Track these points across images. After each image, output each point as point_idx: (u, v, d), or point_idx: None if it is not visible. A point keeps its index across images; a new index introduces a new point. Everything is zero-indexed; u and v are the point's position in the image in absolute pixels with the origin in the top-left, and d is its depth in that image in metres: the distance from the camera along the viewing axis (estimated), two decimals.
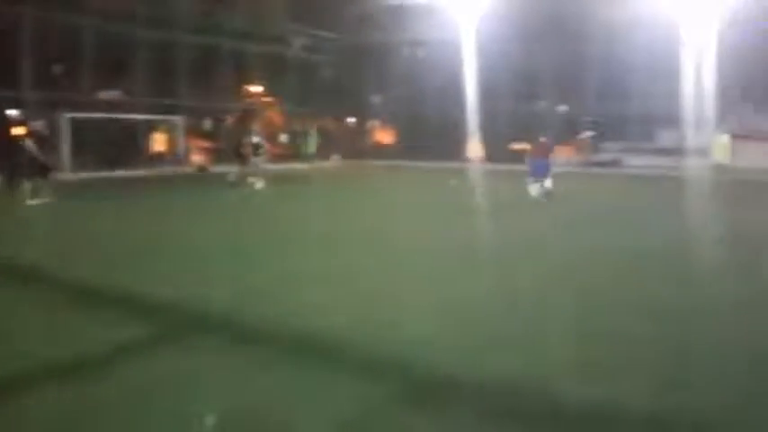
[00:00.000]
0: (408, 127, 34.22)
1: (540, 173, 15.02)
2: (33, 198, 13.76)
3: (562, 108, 33.48)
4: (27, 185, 13.97)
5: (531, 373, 4.01)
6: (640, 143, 28.93)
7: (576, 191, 17.00)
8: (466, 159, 24.39)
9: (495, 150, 27.21)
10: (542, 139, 16.18)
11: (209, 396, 3.66)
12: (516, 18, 28.10)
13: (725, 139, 14.69)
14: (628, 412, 3.44)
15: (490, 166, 25.07)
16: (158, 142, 21.26)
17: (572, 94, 31.72)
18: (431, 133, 33.12)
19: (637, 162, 27.21)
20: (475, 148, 24.27)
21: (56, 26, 23.84)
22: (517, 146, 32.95)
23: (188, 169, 24.78)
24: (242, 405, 3.55)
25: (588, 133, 31.28)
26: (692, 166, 22.34)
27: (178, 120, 25.39)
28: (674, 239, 9.55)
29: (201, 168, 24.20)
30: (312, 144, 26.55)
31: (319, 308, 5.55)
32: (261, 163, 18.10)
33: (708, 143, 24.38)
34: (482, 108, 28.47)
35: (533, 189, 15.04)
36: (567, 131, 31.59)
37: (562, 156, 31.91)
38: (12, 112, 23.44)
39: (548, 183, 14.97)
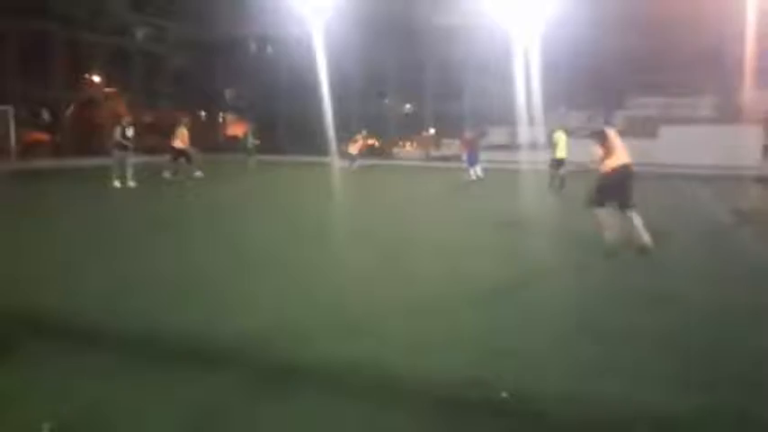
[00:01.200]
0: (263, 122, 34.08)
1: (472, 162, 18.16)
2: None
3: (406, 106, 35.25)
4: None
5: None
6: None
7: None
8: (346, 155, 24.60)
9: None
10: (468, 134, 19.35)
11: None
12: (359, 17, 29.18)
13: (563, 135, 15.28)
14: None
15: (344, 163, 25.02)
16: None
17: (414, 93, 33.52)
18: (285, 128, 33.97)
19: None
20: (356, 143, 24.49)
21: None
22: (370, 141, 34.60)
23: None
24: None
25: (432, 130, 33.07)
26: (529, 160, 23.54)
27: (7, 109, 23.53)
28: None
29: None
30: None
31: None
32: (130, 158, 15.64)
33: (537, 139, 25.78)
34: (333, 104, 29.17)
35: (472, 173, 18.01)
36: (410, 128, 33.31)
37: (405, 151, 34.03)
38: None
39: (478, 170, 17.91)
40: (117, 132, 15.60)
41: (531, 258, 7.27)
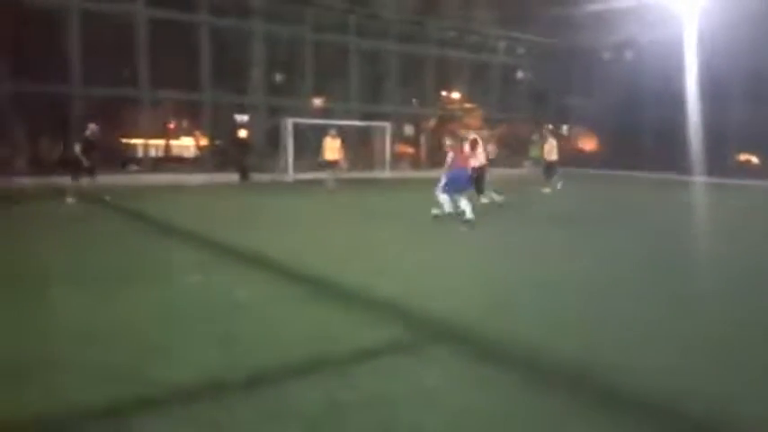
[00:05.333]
0: (615, 134, 31.76)
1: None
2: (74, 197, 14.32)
3: None
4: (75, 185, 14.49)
5: None
6: None
7: None
8: None
9: (718, 162, 25.07)
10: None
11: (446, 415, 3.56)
12: (747, 9, 25.30)
13: None
14: None
15: (714, 180, 23.80)
16: (330, 148, 19.11)
17: None
18: (642, 141, 30.30)
19: None
20: None
21: (280, 37, 26.10)
22: (744, 156, 28.66)
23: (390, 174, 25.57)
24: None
25: None
26: None
27: (386, 125, 26.19)
28: None
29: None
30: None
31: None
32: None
33: None
34: (704, 113, 25.49)
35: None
36: None
37: None
38: (240, 117, 26.79)
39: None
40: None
41: None
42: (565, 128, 37.11)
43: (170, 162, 25.56)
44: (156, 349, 4.55)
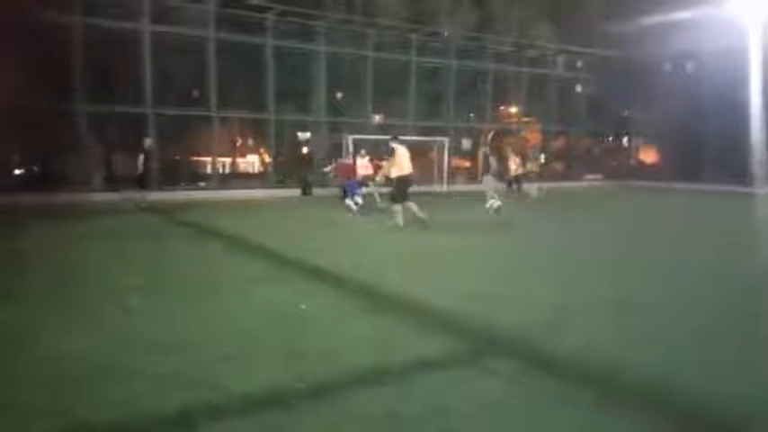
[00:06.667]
0: (676, 146, 31.24)
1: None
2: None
3: None
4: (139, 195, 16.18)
5: None
6: None
7: None
8: None
9: None
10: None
11: None
12: None
13: None
14: None
15: None
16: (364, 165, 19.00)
17: None
18: (705, 153, 29.60)
19: None
20: None
21: (342, 58, 27.06)
22: None
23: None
24: None
25: None
26: None
27: (444, 140, 26.72)
28: None
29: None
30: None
31: None
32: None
33: None
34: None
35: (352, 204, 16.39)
36: None
37: None
38: (302, 134, 27.84)
39: (357, 199, 16.72)
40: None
41: None
42: (625, 140, 36.84)
43: (236, 178, 26.73)
44: (226, 359, 4.75)
